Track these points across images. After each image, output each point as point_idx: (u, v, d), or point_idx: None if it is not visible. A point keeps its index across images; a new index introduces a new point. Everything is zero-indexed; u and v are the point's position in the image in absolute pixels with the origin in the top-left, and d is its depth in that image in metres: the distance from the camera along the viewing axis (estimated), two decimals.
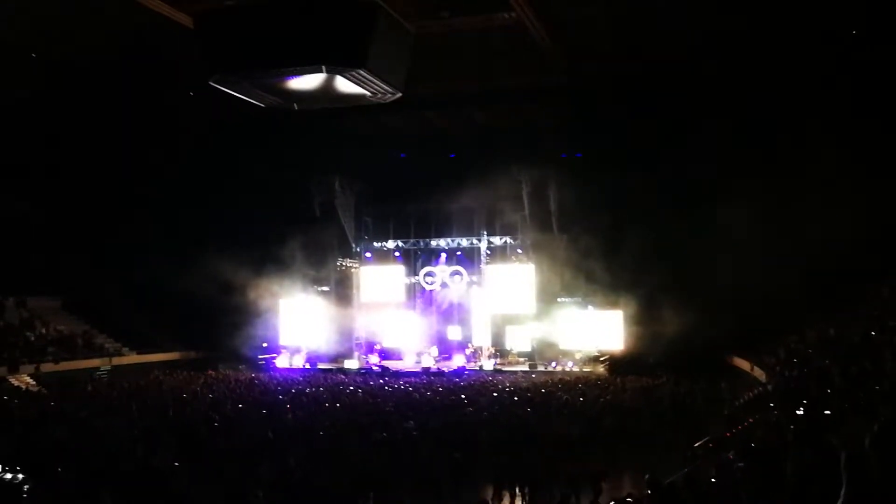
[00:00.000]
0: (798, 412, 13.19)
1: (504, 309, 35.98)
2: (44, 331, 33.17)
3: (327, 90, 12.11)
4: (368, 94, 12.16)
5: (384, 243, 38.90)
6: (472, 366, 34.61)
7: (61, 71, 27.55)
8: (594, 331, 33.68)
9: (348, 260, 38.45)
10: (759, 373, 24.22)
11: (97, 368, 32.10)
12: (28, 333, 32.34)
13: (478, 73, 28.50)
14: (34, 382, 28.61)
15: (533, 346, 35.22)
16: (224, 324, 34.21)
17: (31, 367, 29.49)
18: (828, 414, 11.69)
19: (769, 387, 20.49)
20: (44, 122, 30.84)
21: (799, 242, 25.48)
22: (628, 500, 11.08)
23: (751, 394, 21.16)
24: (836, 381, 15.10)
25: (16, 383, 28.01)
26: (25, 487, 12.61)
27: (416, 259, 38.86)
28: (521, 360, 35.24)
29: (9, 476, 12.93)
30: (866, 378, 14.16)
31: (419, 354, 36.13)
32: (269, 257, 34.04)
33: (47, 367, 29.90)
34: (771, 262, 26.13)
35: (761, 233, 26.76)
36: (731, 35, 24.56)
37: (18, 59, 26.36)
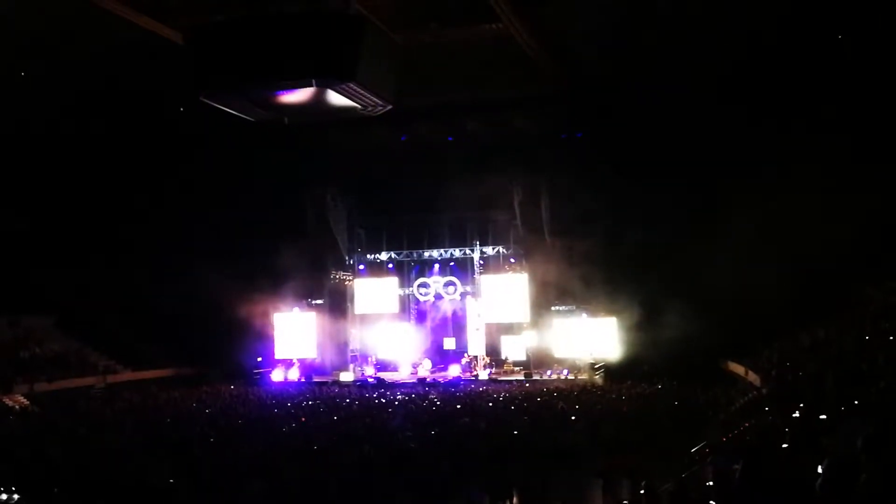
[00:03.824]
0: (793, 416, 13.21)
1: (498, 318, 35.95)
2: (37, 349, 32.98)
3: (318, 104, 12.12)
4: (359, 106, 12.18)
5: (377, 255, 38.95)
6: (467, 376, 34.55)
7: (52, 87, 27.52)
8: (589, 339, 33.65)
9: (342, 272, 38.44)
10: (753, 377, 24.23)
11: (91, 386, 31.88)
12: (21, 352, 32.16)
13: (468, 83, 28.57)
14: (28, 402, 28.43)
15: (528, 355, 35.18)
16: (218, 339, 34.08)
17: (25, 387, 29.31)
18: (823, 418, 11.69)
19: (764, 391, 20.51)
20: (35, 138, 30.79)
21: (791, 246, 25.57)
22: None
23: (746, 398, 21.15)
24: (830, 385, 15.11)
25: (10, 403, 27.84)
26: None
27: (409, 270, 38.89)
28: (517, 369, 35.18)
29: (4, 497, 12.85)
30: (861, 381, 14.17)
31: (415, 366, 36.07)
32: (262, 271, 33.94)
33: (41, 387, 29.70)
34: (763, 266, 26.17)
35: (753, 237, 26.83)
36: (726, 37, 24.65)
37: (8, 78, 26.34)
